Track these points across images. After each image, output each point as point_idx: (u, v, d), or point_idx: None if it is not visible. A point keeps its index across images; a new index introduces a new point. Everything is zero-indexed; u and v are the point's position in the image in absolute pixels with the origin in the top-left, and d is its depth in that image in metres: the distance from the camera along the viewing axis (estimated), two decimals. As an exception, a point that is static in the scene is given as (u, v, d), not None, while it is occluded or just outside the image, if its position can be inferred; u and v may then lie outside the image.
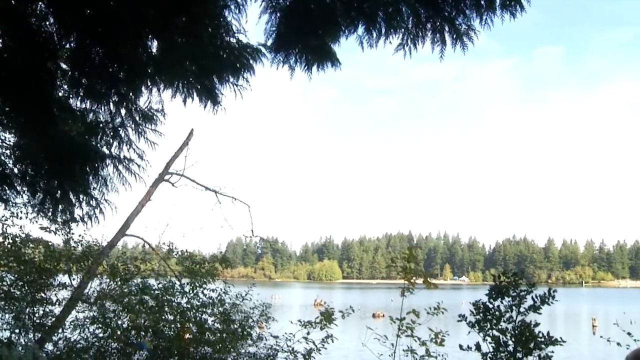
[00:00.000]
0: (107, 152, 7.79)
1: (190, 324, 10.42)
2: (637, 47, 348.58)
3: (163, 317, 10.45)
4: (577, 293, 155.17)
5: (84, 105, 6.94)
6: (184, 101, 6.53)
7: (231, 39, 6.21)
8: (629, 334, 7.69)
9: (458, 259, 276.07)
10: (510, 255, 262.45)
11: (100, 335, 10.34)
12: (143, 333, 10.22)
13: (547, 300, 7.26)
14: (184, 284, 11.51)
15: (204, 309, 10.92)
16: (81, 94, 6.47)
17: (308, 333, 10.05)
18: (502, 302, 7.42)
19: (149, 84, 6.50)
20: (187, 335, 10.25)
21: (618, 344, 7.48)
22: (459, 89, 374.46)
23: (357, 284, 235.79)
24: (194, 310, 10.79)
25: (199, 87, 6.45)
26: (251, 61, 6.33)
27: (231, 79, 6.43)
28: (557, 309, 75.57)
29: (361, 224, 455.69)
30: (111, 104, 6.85)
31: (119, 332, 10.17)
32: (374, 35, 5.53)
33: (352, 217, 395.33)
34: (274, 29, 5.67)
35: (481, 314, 7.43)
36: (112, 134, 7.72)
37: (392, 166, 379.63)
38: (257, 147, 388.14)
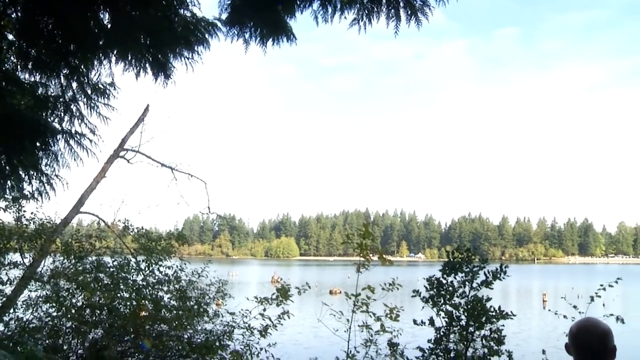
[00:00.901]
0: (58, 126, 7.60)
1: (146, 302, 10.32)
2: (590, 31, 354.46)
3: (118, 295, 10.34)
4: (529, 269, 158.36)
5: (33, 78, 6.75)
6: (137, 75, 6.36)
7: (185, 12, 6.08)
8: (574, 307, 7.89)
9: (414, 236, 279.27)
10: (466, 232, 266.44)
11: (54, 314, 10.18)
12: (98, 311, 10.09)
13: (498, 275, 7.39)
14: (140, 261, 11.39)
15: (160, 286, 10.84)
16: (30, 66, 6.27)
17: (264, 309, 10.05)
18: (455, 278, 7.52)
19: (101, 56, 6.33)
20: (143, 313, 10.15)
21: (564, 316, 7.68)
22: (418, 67, 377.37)
23: (314, 261, 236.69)
24: (149, 288, 10.70)
25: (151, 60, 6.29)
26: (206, 35, 6.22)
27: (185, 53, 6.30)
28: (510, 285, 77.24)
29: (319, 201, 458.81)
30: (62, 77, 6.67)
31: (73, 311, 10.02)
32: (329, 10, 5.48)
33: (309, 194, 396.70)
34: (228, 2, 5.58)
35: (435, 290, 7.53)
36: (63, 108, 7.52)
37: (350, 144, 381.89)
38: (215, 123, 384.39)
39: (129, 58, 6.20)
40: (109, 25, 5.78)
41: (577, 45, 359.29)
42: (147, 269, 11.05)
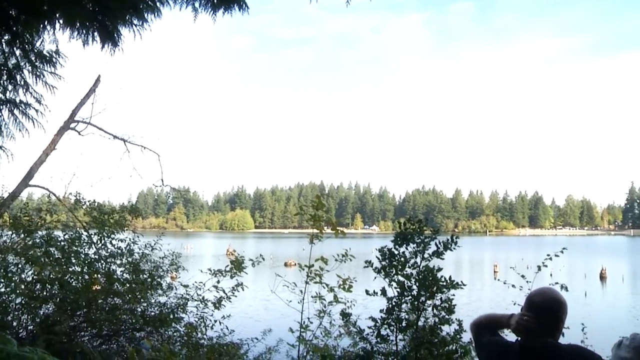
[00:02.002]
0: (1, 96, 7.39)
1: (99, 275, 10.20)
2: (543, 6, 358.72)
3: (70, 269, 10.18)
4: (481, 241, 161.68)
5: (-28, 45, 6.53)
6: (84, 43, 6.20)
7: (134, -22, 5.93)
8: (522, 276, 8.10)
9: (369, 209, 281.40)
10: (420, 205, 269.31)
11: (2, 290, 9.97)
12: (49, 286, 9.93)
13: (449, 246, 7.50)
14: (92, 234, 11.23)
15: (113, 260, 10.73)
16: (-32, 32, 6.07)
17: (218, 282, 10.06)
18: (407, 249, 7.62)
19: (46, 23, 6.14)
20: (96, 287, 10.04)
21: (513, 286, 7.89)
22: (375, 41, 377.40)
23: (269, 233, 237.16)
24: (102, 261, 10.58)
25: (99, 27, 6.12)
26: (157, 3, 6.08)
27: (134, 21, 6.15)
28: (463, 257, 78.80)
29: (273, 174, 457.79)
30: (4, 43, 6.46)
31: (22, 286, 9.84)
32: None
33: (264, 166, 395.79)
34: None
35: (387, 260, 7.61)
36: (6, 76, 7.30)
37: (306, 116, 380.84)
38: (169, 95, 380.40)
39: (76, 25, 6.02)
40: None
41: (530, 21, 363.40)
42: (99, 242, 10.91)
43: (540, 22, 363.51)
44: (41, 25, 6.20)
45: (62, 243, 10.62)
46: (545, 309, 3.34)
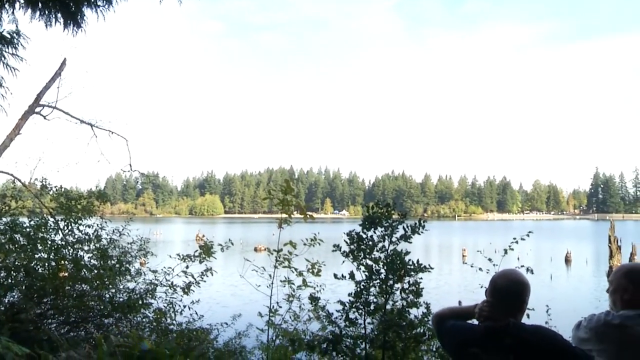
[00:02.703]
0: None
1: (66, 262, 10.10)
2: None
3: (36, 256, 10.06)
4: (450, 226, 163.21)
5: None
6: (47, 24, 6.08)
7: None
8: (489, 260, 8.22)
9: (338, 194, 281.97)
10: (389, 189, 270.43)
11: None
12: (14, 273, 9.80)
13: (417, 230, 7.57)
14: (59, 220, 11.10)
15: (80, 246, 10.61)
16: None
17: (187, 267, 10.02)
18: (375, 233, 7.67)
19: (4, 2, 6.00)
20: (63, 273, 9.94)
21: (480, 269, 8.00)
22: (347, 25, 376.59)
23: (239, 218, 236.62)
24: (69, 247, 10.46)
25: (61, 7, 5.99)
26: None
27: (98, 2, 6.05)
28: (432, 241, 79.51)
29: (243, 159, 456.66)
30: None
31: (-14, 274, 9.71)
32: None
33: (234, 151, 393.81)
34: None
35: (355, 244, 7.66)
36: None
37: (276, 101, 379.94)
38: (139, 80, 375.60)
39: (37, 5, 5.89)
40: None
41: (501, 5, 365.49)
42: (66, 228, 10.79)
43: (511, 7, 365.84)
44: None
45: (28, 229, 10.48)
46: (509, 291, 3.43)
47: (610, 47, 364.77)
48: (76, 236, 10.73)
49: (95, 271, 10.02)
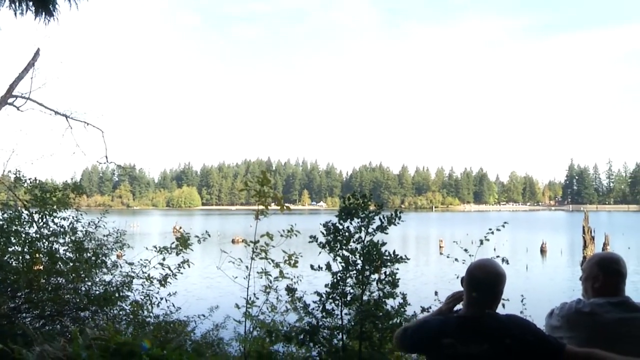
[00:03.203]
0: None
1: (41, 255, 10.00)
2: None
3: (9, 249, 9.95)
4: (427, 217, 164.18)
5: None
6: (16, 12, 5.95)
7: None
8: (465, 250, 8.29)
9: (316, 185, 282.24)
10: (367, 181, 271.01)
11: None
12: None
13: (393, 220, 7.61)
14: (33, 212, 10.98)
15: (55, 238, 10.51)
16: None
17: (164, 259, 9.96)
18: (351, 223, 7.69)
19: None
20: (38, 266, 9.84)
21: (456, 260, 8.08)
22: (324, 17, 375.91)
23: (216, 210, 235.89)
24: (44, 240, 10.36)
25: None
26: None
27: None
28: (409, 233, 79.93)
29: (220, 151, 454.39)
30: None
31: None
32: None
33: (211, 143, 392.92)
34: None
35: (332, 235, 7.67)
36: None
37: (254, 93, 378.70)
38: (114, 70, 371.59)
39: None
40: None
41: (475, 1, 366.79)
42: (40, 220, 10.67)
43: (484, 2, 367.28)
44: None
45: (1, 222, 10.36)
46: (485, 282, 3.48)
47: (585, 40, 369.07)
48: (51, 229, 10.61)
49: (71, 264, 9.94)
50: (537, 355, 3.24)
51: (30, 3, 5.91)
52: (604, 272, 3.91)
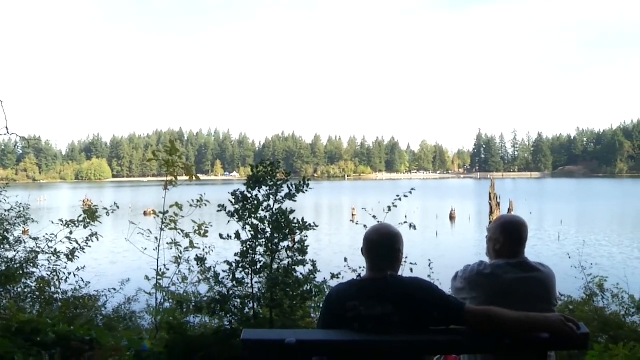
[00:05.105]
0: None
1: None
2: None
3: None
4: (340, 186, 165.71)
5: None
6: None
7: None
8: (374, 217, 8.46)
9: (229, 155, 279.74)
10: (280, 150, 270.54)
11: None
12: None
13: (301, 188, 7.68)
14: None
15: (-50, 215, 10.07)
16: None
17: (71, 232, 9.69)
18: (259, 192, 7.72)
19: None
20: None
21: (365, 226, 8.24)
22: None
23: (128, 182, 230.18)
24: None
25: None
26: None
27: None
28: (322, 201, 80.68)
29: (131, 121, 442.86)
30: None
31: None
32: None
33: (121, 114, 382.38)
34: None
35: (240, 204, 7.68)
36: None
37: (164, 61, 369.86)
38: (13, 36, 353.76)
39: None
40: None
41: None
42: None
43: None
44: None
45: None
46: (382, 244, 3.57)
47: (493, 12, 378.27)
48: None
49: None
50: (438, 315, 3.35)
51: None
52: (505, 235, 4.12)
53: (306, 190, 7.70)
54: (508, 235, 4.11)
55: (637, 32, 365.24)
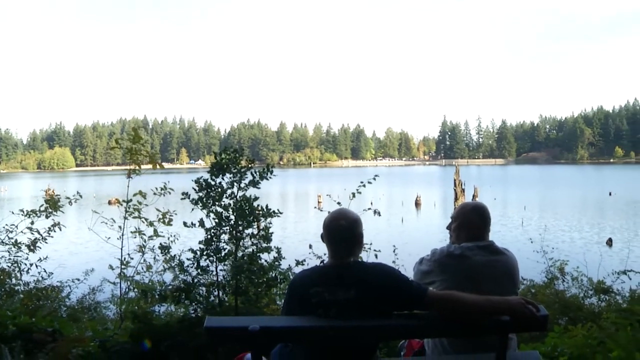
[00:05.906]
0: None
1: None
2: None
3: None
4: (306, 173, 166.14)
5: None
6: None
7: None
8: (338, 203, 8.51)
9: (194, 143, 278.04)
10: (245, 138, 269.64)
11: None
12: None
13: (265, 175, 7.67)
14: None
15: None
16: None
17: (32, 223, 9.54)
18: (223, 179, 7.69)
19: None
20: None
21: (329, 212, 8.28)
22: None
23: (91, 171, 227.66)
24: None
25: None
26: None
27: None
28: (288, 189, 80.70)
29: (94, 109, 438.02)
30: None
31: None
32: None
33: (84, 102, 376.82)
34: None
35: (204, 191, 7.65)
36: None
37: (127, 48, 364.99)
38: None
39: None
40: None
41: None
42: None
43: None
44: None
45: None
46: (341, 230, 3.59)
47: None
48: None
49: None
50: (400, 299, 3.39)
51: None
52: (471, 219, 4.23)
53: (270, 178, 7.69)
54: (474, 219, 4.23)
55: (599, 22, 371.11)
